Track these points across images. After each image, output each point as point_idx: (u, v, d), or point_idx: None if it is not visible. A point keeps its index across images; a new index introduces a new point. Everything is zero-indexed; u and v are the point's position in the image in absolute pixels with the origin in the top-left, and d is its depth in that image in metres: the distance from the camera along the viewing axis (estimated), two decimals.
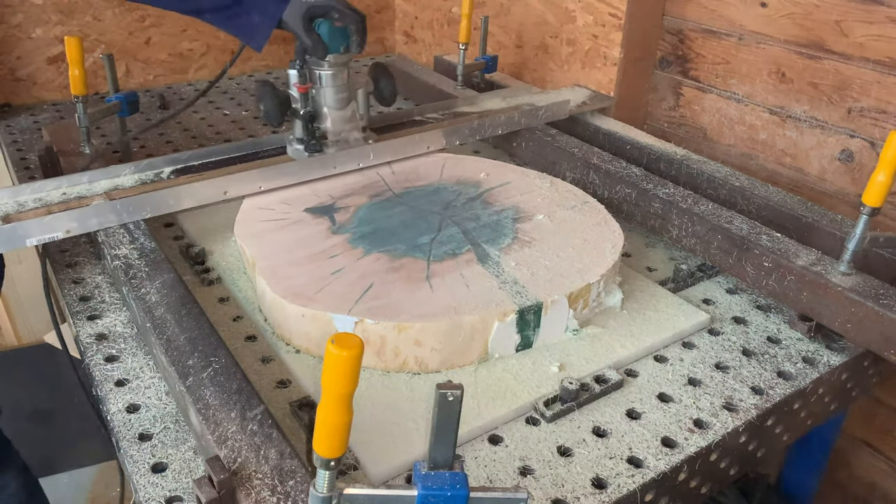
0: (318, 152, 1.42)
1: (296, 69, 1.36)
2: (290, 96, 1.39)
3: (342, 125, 1.44)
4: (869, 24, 1.50)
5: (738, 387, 1.08)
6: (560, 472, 0.93)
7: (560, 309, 1.12)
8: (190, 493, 0.88)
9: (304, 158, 1.41)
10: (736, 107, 1.79)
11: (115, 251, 1.20)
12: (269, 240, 1.23)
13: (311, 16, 1.31)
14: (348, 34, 1.35)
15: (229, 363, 0.96)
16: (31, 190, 1.28)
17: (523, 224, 1.30)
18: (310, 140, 1.41)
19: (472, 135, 1.62)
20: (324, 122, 1.43)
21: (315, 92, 1.41)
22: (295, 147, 1.44)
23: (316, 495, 0.69)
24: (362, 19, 1.35)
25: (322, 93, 1.41)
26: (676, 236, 1.37)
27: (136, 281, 1.13)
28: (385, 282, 1.12)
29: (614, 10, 1.83)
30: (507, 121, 1.66)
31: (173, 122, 1.99)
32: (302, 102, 1.38)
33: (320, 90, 1.41)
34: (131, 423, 0.98)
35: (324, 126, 1.43)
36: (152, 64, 2.27)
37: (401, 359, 1.06)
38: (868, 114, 1.54)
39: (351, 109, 1.45)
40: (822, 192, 1.65)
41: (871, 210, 1.11)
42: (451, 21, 2.40)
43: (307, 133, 1.41)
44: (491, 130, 1.64)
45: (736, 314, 1.26)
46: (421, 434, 0.95)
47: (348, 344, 0.62)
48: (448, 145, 1.59)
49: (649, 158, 1.63)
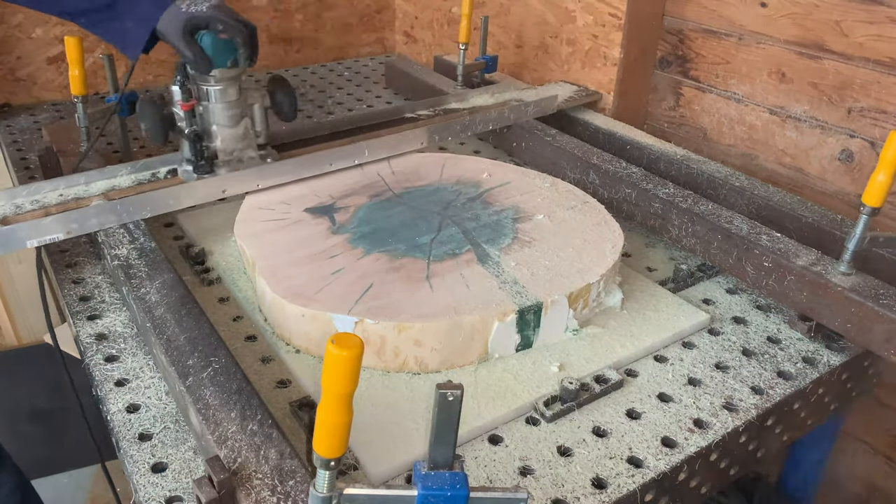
0: (209, 173, 1.33)
1: (177, 85, 1.26)
2: (174, 114, 1.30)
3: (234, 143, 1.36)
4: (869, 24, 1.50)
5: (738, 387, 1.08)
6: (560, 472, 0.93)
7: (560, 309, 1.12)
8: (190, 493, 0.88)
9: (193, 180, 1.32)
10: (736, 107, 1.79)
11: (115, 251, 1.20)
12: (269, 240, 1.23)
13: (193, 27, 1.22)
14: (235, 47, 1.26)
15: (229, 363, 0.96)
16: (29, 192, 1.27)
17: (523, 224, 1.30)
18: (198, 161, 1.32)
19: (464, 131, 1.63)
20: (214, 140, 1.34)
21: (203, 109, 1.32)
22: (184, 168, 1.35)
23: (316, 495, 0.69)
24: (251, 31, 1.27)
25: (210, 109, 1.32)
26: (676, 236, 1.37)
27: (136, 281, 1.13)
28: (385, 282, 1.12)
29: (614, 10, 1.83)
30: (496, 116, 1.66)
31: None
32: (188, 121, 1.28)
33: (208, 107, 1.32)
34: (131, 423, 0.98)
35: (213, 145, 1.34)
36: (152, 64, 2.27)
37: (401, 359, 1.06)
38: (868, 114, 1.54)
39: (244, 126, 1.35)
40: (822, 192, 1.65)
41: (871, 210, 1.11)
42: (451, 21, 2.40)
43: (195, 153, 1.31)
44: (481, 126, 1.65)
45: (736, 314, 1.26)
46: (421, 434, 0.95)
47: (348, 344, 0.62)
48: (440, 142, 1.60)
49: (649, 158, 1.63)
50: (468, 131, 1.64)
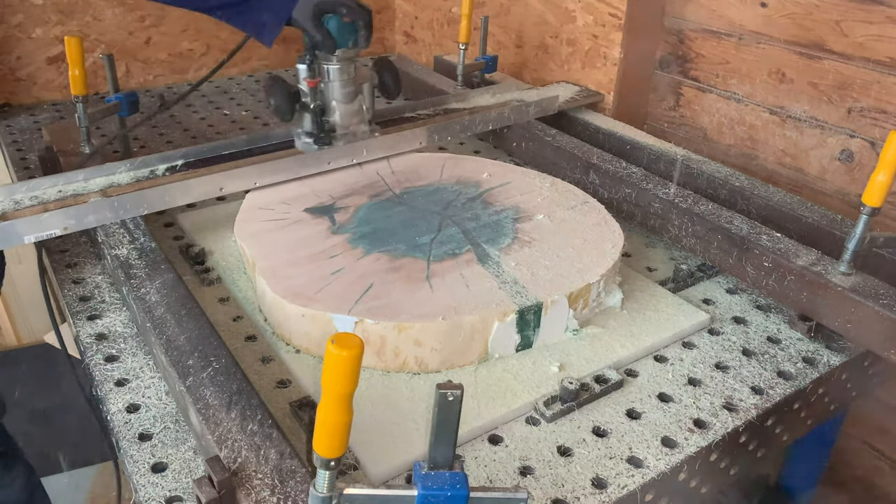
0: (328, 145, 1.45)
1: (305, 64, 1.39)
2: (299, 91, 1.42)
3: (349, 118, 1.48)
4: (869, 24, 1.50)
5: (738, 387, 1.08)
6: (560, 472, 0.93)
7: (560, 309, 1.12)
8: (190, 493, 0.88)
9: (314, 151, 1.45)
10: (736, 107, 1.79)
11: (115, 251, 1.20)
12: (269, 240, 1.23)
13: (320, 12, 1.35)
14: (356, 29, 1.37)
15: (229, 363, 0.96)
16: (28, 188, 1.27)
17: (523, 224, 1.30)
18: (319, 133, 1.45)
19: (464, 131, 1.63)
20: (332, 115, 1.46)
21: (323, 86, 1.44)
22: (304, 140, 1.47)
23: (316, 495, 0.69)
24: (369, 14, 1.38)
25: (330, 87, 1.44)
26: (676, 236, 1.37)
27: (135, 281, 1.13)
28: (385, 282, 1.12)
29: (614, 10, 1.83)
30: (497, 117, 1.67)
31: (173, 122, 1.99)
32: (311, 97, 1.41)
33: (328, 84, 1.44)
34: (131, 423, 0.98)
35: (332, 119, 1.47)
36: (152, 64, 2.27)
37: (401, 359, 1.06)
38: (868, 114, 1.54)
39: (358, 103, 1.48)
40: (822, 192, 1.65)
41: (871, 210, 1.11)
42: (451, 21, 2.40)
43: (317, 126, 1.44)
44: (481, 126, 1.66)
45: (736, 314, 1.26)
46: (421, 434, 0.95)
47: (348, 344, 0.62)
48: (439, 141, 1.61)
49: (649, 158, 1.63)
50: (468, 131, 1.64)
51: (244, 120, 2.02)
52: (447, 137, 1.61)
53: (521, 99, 1.76)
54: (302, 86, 1.41)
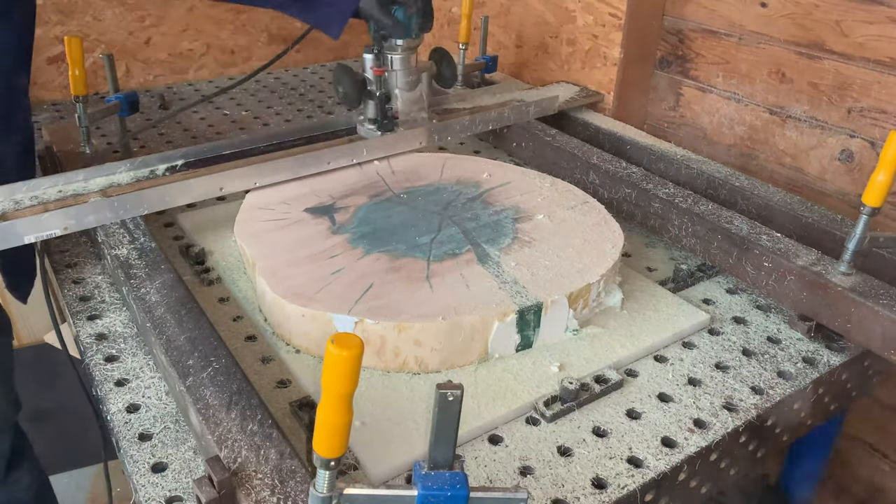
0: (391, 131, 1.52)
1: (373, 53, 1.46)
2: (365, 79, 1.49)
3: (411, 106, 1.55)
4: (869, 24, 1.50)
5: (738, 387, 1.08)
6: (560, 472, 0.93)
7: (560, 309, 1.12)
8: (190, 493, 0.88)
9: (377, 136, 1.51)
10: (736, 107, 1.79)
11: (115, 251, 1.20)
12: (269, 240, 1.23)
13: (389, 1, 1.41)
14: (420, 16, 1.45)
15: (229, 363, 0.96)
16: (28, 188, 1.27)
17: (523, 224, 1.30)
18: (382, 120, 1.51)
19: (463, 131, 1.64)
20: (395, 103, 1.53)
21: (387, 75, 1.50)
22: (367, 127, 1.53)
23: (316, 495, 0.69)
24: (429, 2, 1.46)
25: (393, 76, 1.51)
26: (676, 236, 1.37)
27: (135, 281, 1.13)
28: (385, 282, 1.12)
29: (614, 10, 1.83)
30: (497, 117, 1.67)
31: (173, 121, 1.99)
32: (377, 85, 1.48)
33: (392, 73, 1.50)
34: (131, 423, 0.98)
35: (395, 107, 1.53)
36: (152, 64, 2.27)
37: (401, 359, 1.06)
38: (868, 114, 1.54)
39: (419, 91, 1.55)
40: (822, 192, 1.65)
41: (871, 210, 1.11)
42: (451, 21, 2.40)
43: (380, 113, 1.50)
44: (482, 126, 1.66)
45: (736, 314, 1.26)
46: (421, 434, 0.95)
47: (348, 344, 0.62)
48: (440, 141, 1.61)
49: (649, 158, 1.63)
50: (468, 131, 1.64)
51: (244, 120, 2.02)
52: (447, 137, 1.61)
53: (521, 99, 1.76)
54: (368, 74, 1.48)
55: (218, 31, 2.32)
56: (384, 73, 1.48)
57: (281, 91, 2.23)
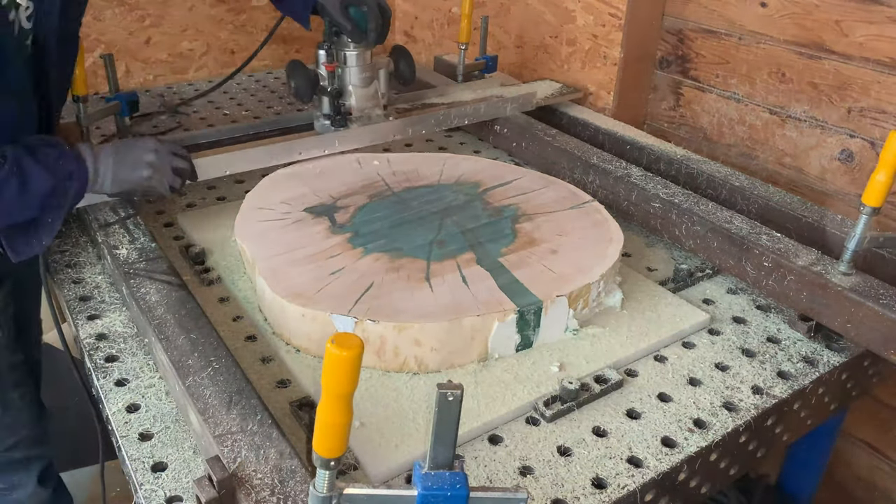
0: (343, 127, 1.52)
1: (324, 49, 1.47)
2: (318, 75, 1.49)
3: (365, 102, 1.54)
4: (869, 24, 1.50)
5: (738, 387, 1.08)
6: (560, 472, 0.93)
7: (560, 309, 1.12)
8: (190, 493, 0.88)
9: (331, 132, 1.52)
10: (736, 107, 1.79)
11: (115, 251, 1.20)
12: (269, 240, 1.23)
13: (348, 3, 1.43)
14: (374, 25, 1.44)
15: (229, 363, 0.96)
16: None
17: (523, 224, 1.30)
18: (335, 116, 1.51)
19: (438, 125, 1.66)
20: (348, 99, 1.52)
21: (341, 71, 1.50)
22: (322, 122, 1.53)
23: (316, 495, 0.69)
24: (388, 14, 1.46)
25: (347, 72, 1.50)
26: (676, 236, 1.37)
27: (135, 281, 1.13)
28: (385, 282, 1.12)
29: (614, 10, 1.83)
30: (472, 112, 1.69)
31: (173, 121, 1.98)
32: (329, 80, 1.48)
33: (346, 69, 1.50)
34: (131, 423, 0.98)
35: (348, 103, 1.53)
36: (152, 64, 2.27)
37: (401, 359, 1.06)
38: (868, 114, 1.54)
39: (374, 88, 1.54)
40: (822, 192, 1.65)
41: (871, 210, 1.11)
42: (451, 21, 2.40)
43: (333, 109, 1.51)
44: (457, 121, 1.68)
45: (736, 314, 1.26)
46: (421, 434, 0.95)
47: (348, 344, 0.62)
48: (413, 135, 1.63)
49: (649, 158, 1.63)
50: (442, 125, 1.67)
51: (244, 120, 2.02)
52: (421, 131, 1.63)
53: (500, 95, 1.77)
54: (321, 70, 1.48)
55: (218, 31, 2.32)
56: (336, 69, 1.48)
57: (281, 91, 2.23)
